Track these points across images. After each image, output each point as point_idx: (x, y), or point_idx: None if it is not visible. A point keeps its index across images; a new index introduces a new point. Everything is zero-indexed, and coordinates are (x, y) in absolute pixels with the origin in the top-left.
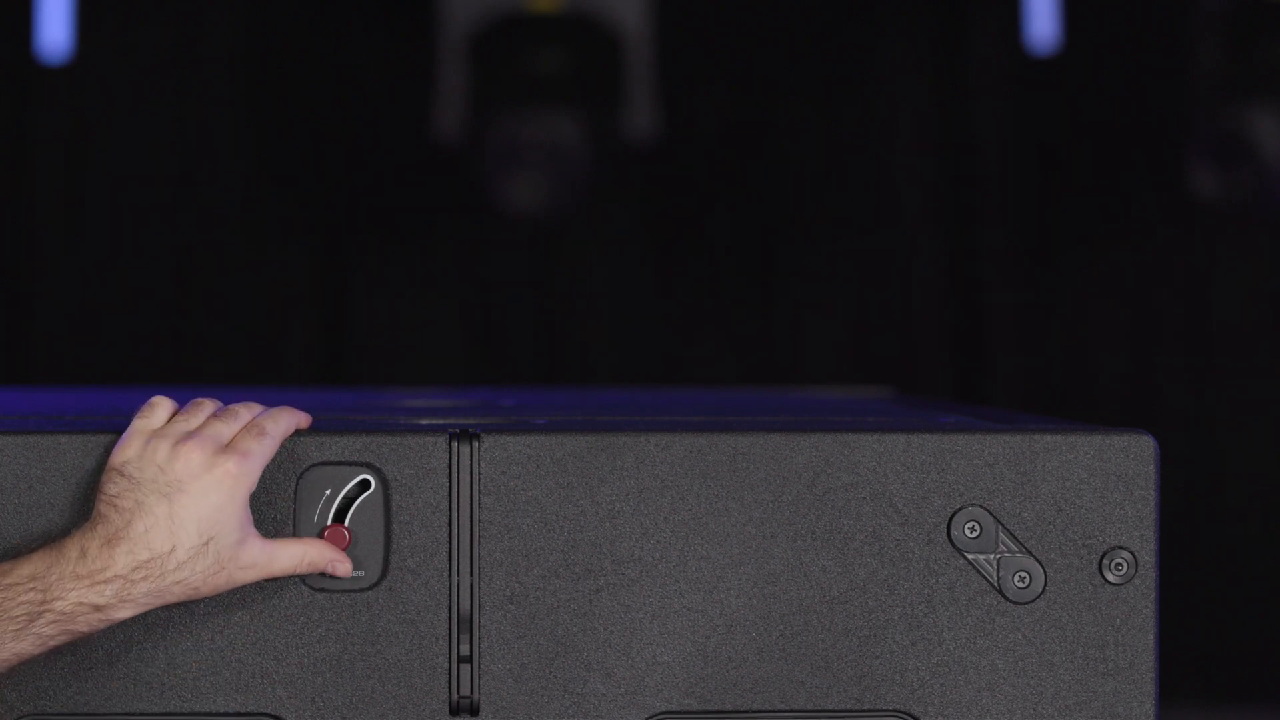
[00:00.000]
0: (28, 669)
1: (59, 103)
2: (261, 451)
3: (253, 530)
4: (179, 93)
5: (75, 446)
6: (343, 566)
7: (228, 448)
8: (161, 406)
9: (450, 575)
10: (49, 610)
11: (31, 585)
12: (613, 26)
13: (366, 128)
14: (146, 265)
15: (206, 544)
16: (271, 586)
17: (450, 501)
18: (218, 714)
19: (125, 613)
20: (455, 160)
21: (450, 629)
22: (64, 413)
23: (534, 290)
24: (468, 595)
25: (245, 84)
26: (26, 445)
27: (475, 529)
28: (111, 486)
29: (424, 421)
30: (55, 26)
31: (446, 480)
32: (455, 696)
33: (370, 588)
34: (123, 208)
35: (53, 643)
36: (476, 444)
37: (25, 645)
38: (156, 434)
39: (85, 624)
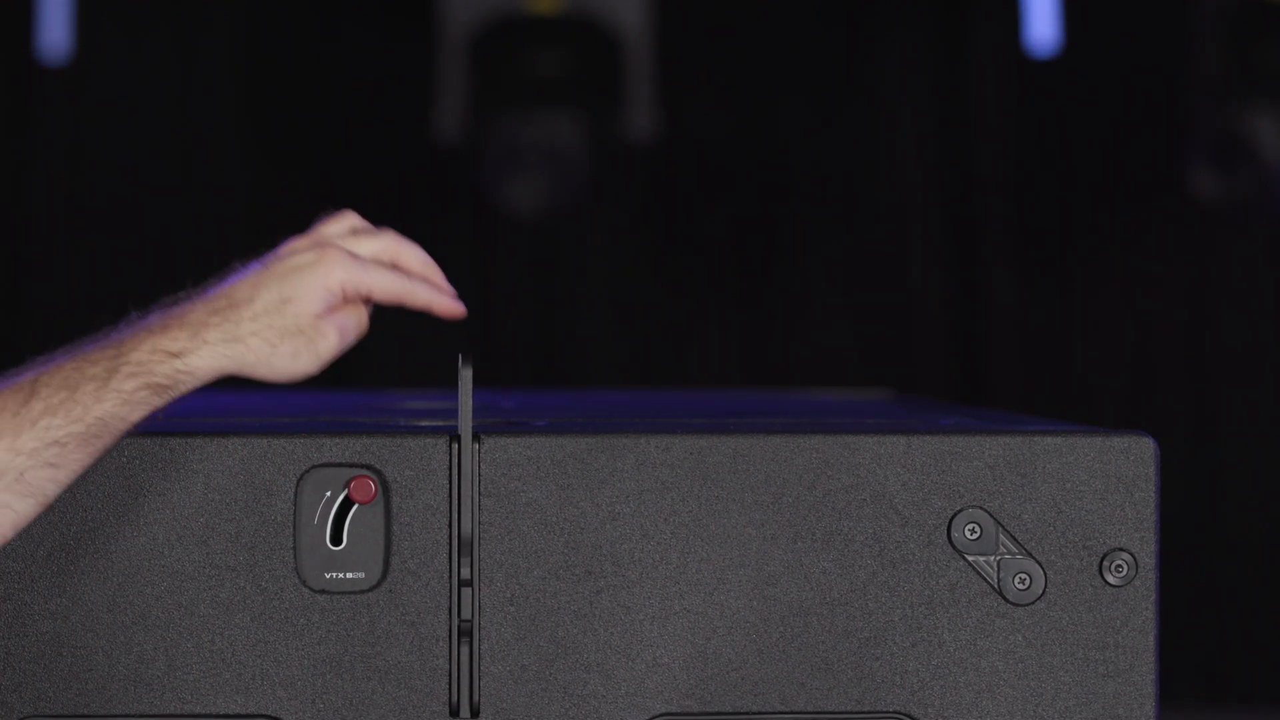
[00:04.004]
0: (28, 669)
1: (59, 103)
2: (374, 271)
3: (340, 314)
4: (179, 93)
5: None
6: (442, 303)
7: (345, 246)
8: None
9: (450, 577)
10: (126, 362)
11: (108, 342)
12: (613, 28)
13: (366, 129)
14: (146, 265)
15: (286, 303)
16: (272, 587)
17: (450, 503)
18: (217, 715)
19: (201, 361)
20: (455, 161)
21: (450, 631)
22: None
23: (534, 292)
24: (468, 597)
25: (245, 84)
26: None
27: (475, 531)
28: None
29: (424, 423)
30: (55, 27)
31: (447, 482)
32: (455, 698)
33: (370, 589)
34: (123, 208)
35: (134, 402)
36: (477, 445)
37: (106, 405)
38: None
39: (163, 374)
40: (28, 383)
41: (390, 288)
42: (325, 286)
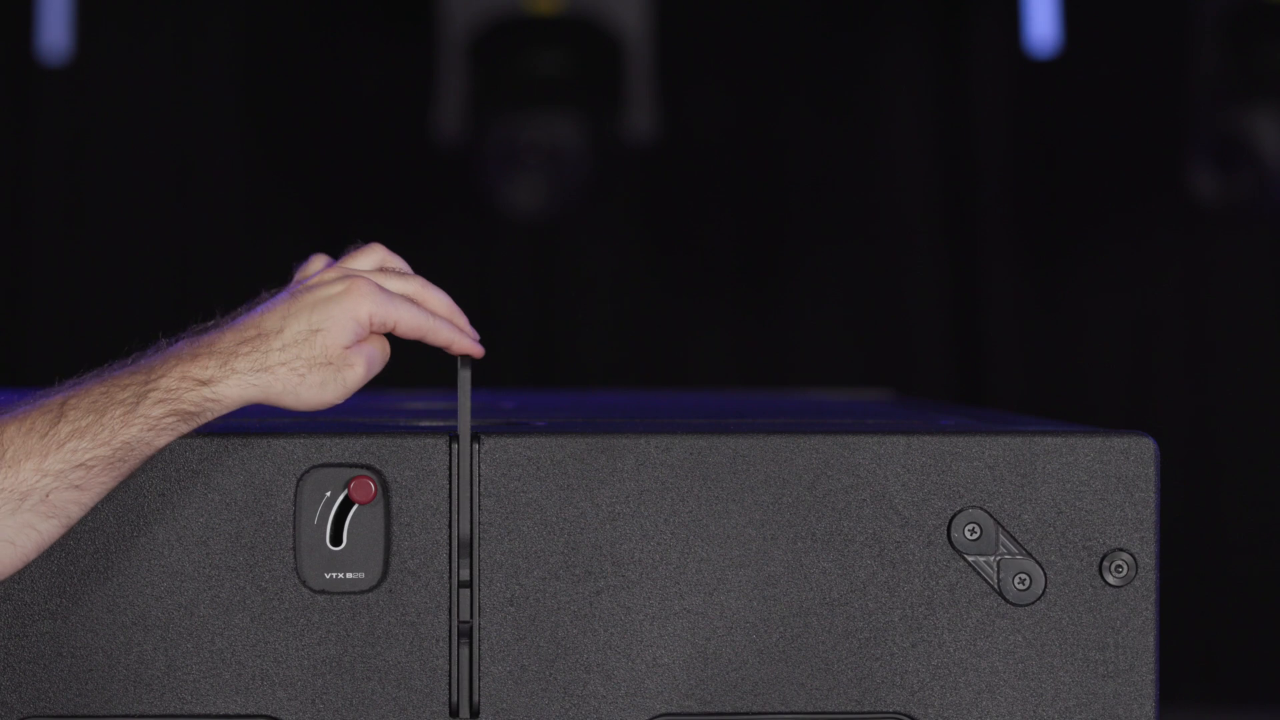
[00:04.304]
0: (28, 670)
1: (59, 103)
2: (401, 305)
3: (366, 345)
4: (179, 93)
5: None
6: (464, 343)
7: (374, 279)
8: (374, 253)
9: (450, 577)
10: (154, 389)
11: (137, 368)
12: (613, 28)
13: (366, 129)
14: (146, 266)
15: (315, 333)
16: (271, 587)
17: (450, 503)
18: (217, 715)
19: (229, 390)
20: (455, 162)
21: (450, 631)
22: None
23: (534, 292)
24: (468, 597)
25: (245, 84)
26: None
27: (475, 531)
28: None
29: (424, 423)
30: (55, 27)
31: (446, 482)
32: (455, 699)
33: (370, 590)
34: (123, 208)
35: (161, 428)
36: (477, 446)
37: (134, 430)
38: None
39: (190, 402)
40: (56, 404)
41: (414, 322)
42: (354, 318)
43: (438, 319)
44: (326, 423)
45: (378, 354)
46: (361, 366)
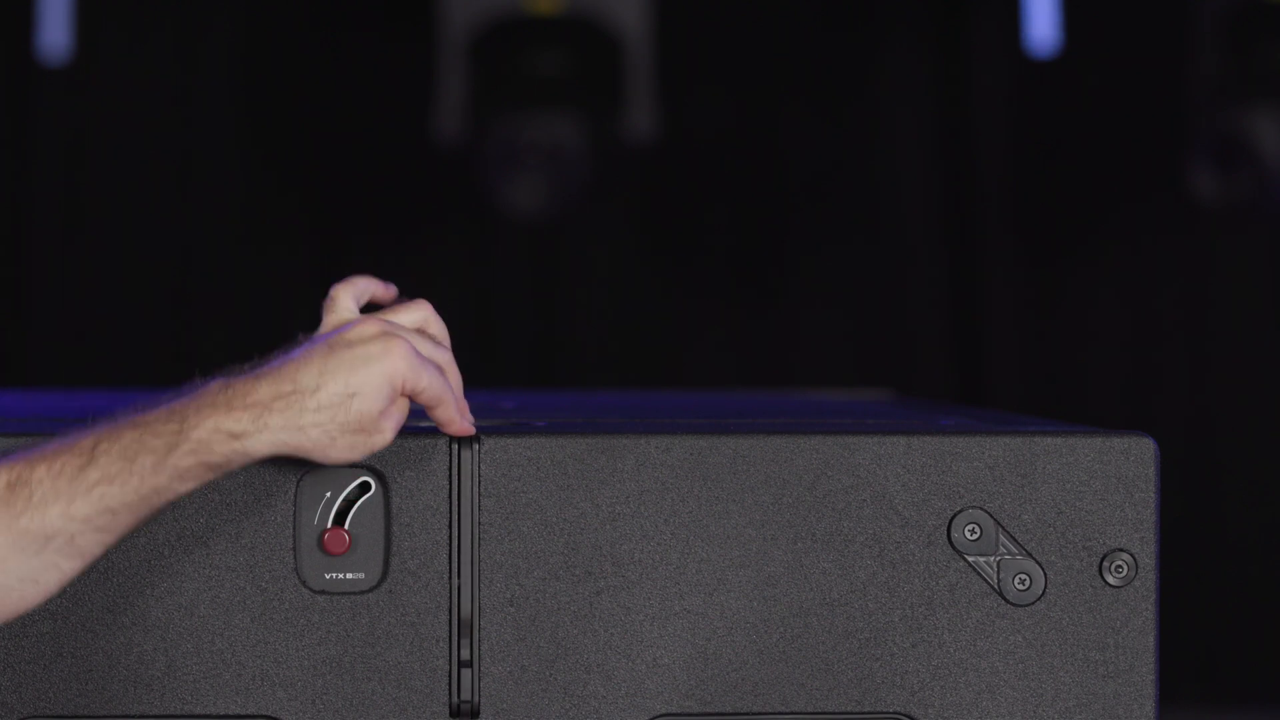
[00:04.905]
0: (28, 669)
1: (59, 103)
2: (429, 374)
3: (396, 407)
4: (179, 93)
5: None
6: (462, 426)
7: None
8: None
9: (450, 578)
10: (186, 439)
11: (170, 415)
12: (613, 28)
13: (366, 129)
14: (146, 266)
15: (351, 397)
16: (272, 588)
17: (450, 504)
18: (217, 715)
19: (261, 445)
20: (455, 162)
21: (450, 631)
22: (64, 415)
23: (534, 292)
24: (468, 598)
25: (245, 84)
26: (26, 448)
27: (475, 531)
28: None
29: (424, 424)
30: (55, 27)
31: (447, 482)
32: (455, 699)
33: (370, 590)
34: (123, 208)
35: (189, 477)
36: (477, 446)
37: (162, 479)
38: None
39: (221, 454)
40: (88, 446)
41: (435, 393)
42: (390, 383)
43: (451, 395)
44: None
45: (403, 417)
46: (390, 433)
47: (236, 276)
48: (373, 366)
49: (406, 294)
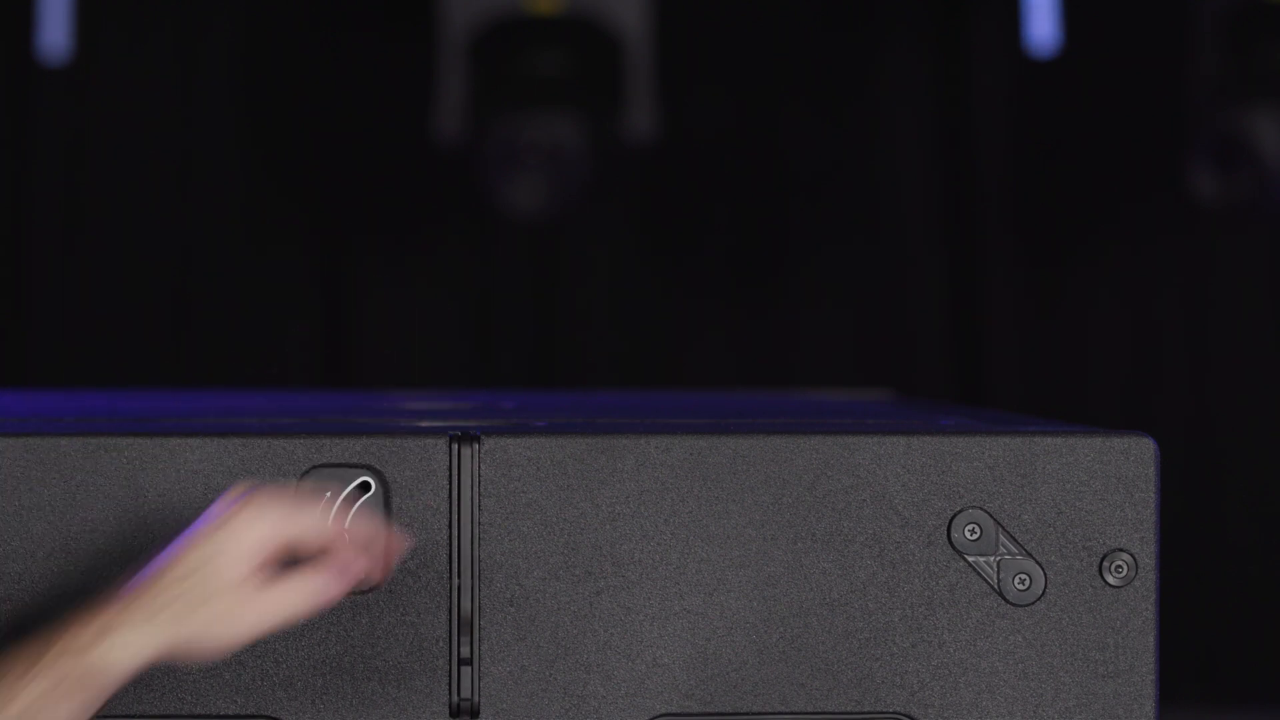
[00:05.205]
0: None
1: (59, 103)
2: (304, 515)
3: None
4: (179, 93)
5: (75, 449)
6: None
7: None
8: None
9: (450, 577)
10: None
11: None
12: (613, 28)
13: (366, 129)
14: (146, 266)
15: (205, 566)
16: None
17: (451, 504)
18: (217, 716)
19: (116, 653)
20: (455, 162)
21: (450, 631)
22: (63, 415)
23: (534, 292)
24: (468, 597)
25: (245, 84)
26: (26, 448)
27: (475, 531)
28: None
29: (424, 424)
30: (55, 27)
31: (447, 482)
32: (455, 699)
33: (370, 590)
34: (122, 208)
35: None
36: (477, 446)
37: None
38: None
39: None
40: None
41: (322, 535)
42: (248, 543)
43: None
44: (327, 422)
45: (302, 592)
46: (284, 598)
47: (236, 276)
48: (220, 529)
49: (410, 293)
